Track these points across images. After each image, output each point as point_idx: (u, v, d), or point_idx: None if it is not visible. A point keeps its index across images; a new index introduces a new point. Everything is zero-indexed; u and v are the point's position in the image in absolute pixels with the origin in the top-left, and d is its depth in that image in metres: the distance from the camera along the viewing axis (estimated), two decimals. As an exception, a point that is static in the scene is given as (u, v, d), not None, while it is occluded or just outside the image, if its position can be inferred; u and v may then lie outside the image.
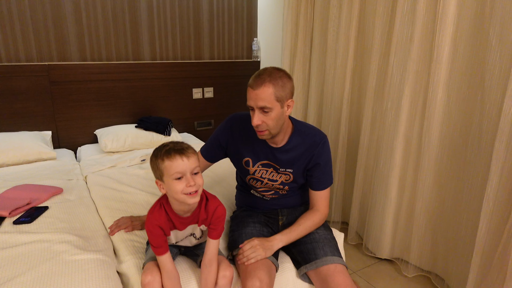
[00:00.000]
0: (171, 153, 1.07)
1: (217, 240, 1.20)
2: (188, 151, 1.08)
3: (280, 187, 1.45)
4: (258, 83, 1.23)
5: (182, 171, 1.06)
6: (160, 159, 1.08)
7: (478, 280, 1.59)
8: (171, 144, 1.10)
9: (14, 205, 1.62)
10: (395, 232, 2.08)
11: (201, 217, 1.20)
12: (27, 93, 2.51)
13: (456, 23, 1.66)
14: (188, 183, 1.07)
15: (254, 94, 1.24)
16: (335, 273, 1.24)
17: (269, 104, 1.23)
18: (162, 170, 1.08)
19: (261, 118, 1.26)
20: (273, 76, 1.24)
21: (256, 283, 1.17)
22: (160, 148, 1.11)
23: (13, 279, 1.17)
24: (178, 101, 3.11)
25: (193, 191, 1.08)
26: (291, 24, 2.60)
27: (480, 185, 1.61)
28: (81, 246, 1.37)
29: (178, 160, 1.06)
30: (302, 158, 1.39)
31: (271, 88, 1.22)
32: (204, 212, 1.19)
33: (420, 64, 1.82)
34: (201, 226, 1.23)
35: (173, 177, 1.07)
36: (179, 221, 1.18)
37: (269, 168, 1.43)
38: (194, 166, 1.09)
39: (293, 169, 1.41)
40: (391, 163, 1.97)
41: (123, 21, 2.78)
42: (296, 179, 1.43)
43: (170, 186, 1.08)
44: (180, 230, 1.21)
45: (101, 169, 2.24)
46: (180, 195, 1.08)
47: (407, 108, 1.89)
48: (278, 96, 1.24)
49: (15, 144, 2.29)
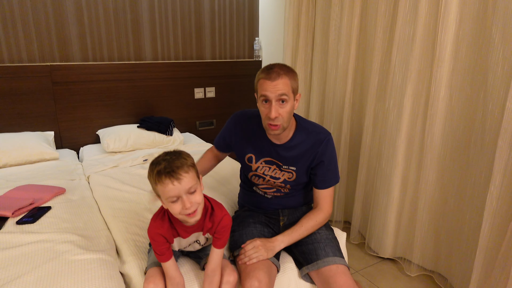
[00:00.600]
0: (161, 177, 1.01)
1: (221, 249, 1.18)
2: (179, 172, 1.01)
3: (282, 185, 1.45)
4: (274, 75, 1.24)
5: (175, 195, 1.03)
6: (152, 179, 1.04)
7: (481, 279, 1.59)
8: (163, 163, 1.03)
9: (17, 205, 1.62)
10: (398, 231, 2.07)
11: (206, 226, 1.17)
12: (30, 94, 2.52)
13: (459, 22, 1.65)
14: (184, 206, 1.03)
15: (272, 85, 1.23)
16: (336, 274, 1.23)
17: (288, 93, 1.25)
18: (157, 191, 1.06)
19: (278, 110, 1.26)
20: (285, 69, 1.27)
21: (255, 283, 1.17)
22: (153, 166, 1.05)
23: (16, 279, 1.17)
24: (180, 101, 3.11)
25: (190, 212, 1.05)
26: (292, 23, 2.60)
27: (483, 184, 1.61)
28: (84, 246, 1.38)
29: (169, 185, 1.01)
30: (305, 156, 1.39)
31: (287, 79, 1.25)
32: (209, 222, 1.17)
33: (422, 63, 1.81)
34: (206, 235, 1.21)
35: (168, 201, 1.04)
36: (183, 230, 1.16)
37: (272, 165, 1.42)
38: (188, 187, 1.03)
39: (296, 167, 1.41)
40: (394, 162, 1.97)
41: (124, 21, 2.78)
42: (299, 177, 1.43)
43: (168, 206, 1.07)
44: (183, 238, 1.19)
45: (104, 169, 2.24)
46: (179, 216, 1.07)
47: (410, 107, 1.88)
48: (293, 87, 1.28)
49: (18, 145, 2.29)
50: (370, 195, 2.24)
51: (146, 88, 2.93)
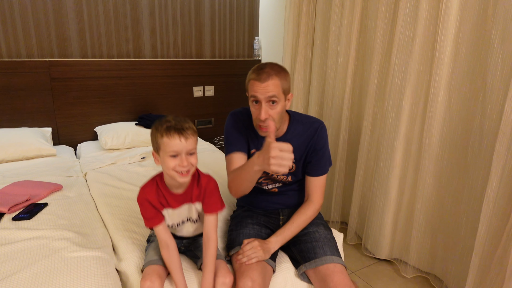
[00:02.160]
0: (171, 131, 1.08)
1: (214, 215, 1.20)
2: (188, 132, 1.09)
3: (283, 177, 1.46)
4: (264, 76, 1.24)
5: (178, 150, 1.08)
6: (159, 133, 1.09)
7: (477, 282, 1.59)
8: (173, 121, 1.11)
9: (14, 201, 1.61)
10: (395, 233, 2.08)
11: (194, 193, 1.20)
12: (28, 90, 2.51)
13: (458, 24, 1.65)
14: (182, 163, 1.09)
15: (261, 87, 1.24)
16: (334, 273, 1.24)
17: (278, 95, 1.25)
18: (159, 144, 1.10)
19: (268, 111, 1.26)
20: (276, 69, 1.26)
21: (248, 283, 1.16)
22: (162, 123, 1.11)
23: (12, 275, 1.17)
24: (179, 99, 3.11)
25: (184, 170, 1.10)
26: (292, 23, 2.60)
27: (481, 187, 1.61)
28: (80, 243, 1.37)
29: (176, 140, 1.07)
30: (302, 147, 1.41)
31: (277, 80, 1.25)
32: (197, 188, 1.20)
33: (422, 64, 1.81)
34: (196, 204, 1.22)
35: (168, 154, 1.09)
36: (172, 198, 1.19)
37: None
38: (191, 147, 1.10)
39: (295, 158, 1.42)
40: (391, 164, 1.97)
41: (124, 18, 2.78)
42: (298, 168, 1.44)
43: (164, 161, 1.11)
44: (173, 208, 1.20)
45: (101, 166, 2.23)
46: (171, 172, 1.10)
47: (408, 109, 1.89)
48: (284, 88, 1.27)
49: (15, 140, 2.28)
50: (367, 196, 2.25)
51: (145, 86, 2.93)
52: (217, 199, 1.21)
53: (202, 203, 1.21)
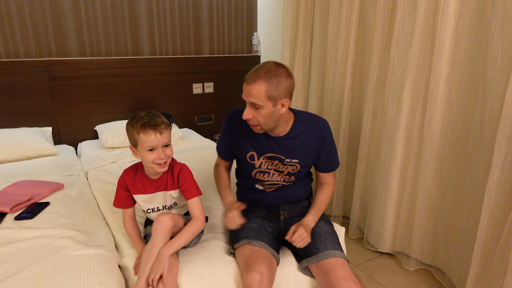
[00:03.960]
0: (146, 128, 1.18)
1: (194, 198, 1.29)
2: (161, 127, 1.19)
3: (286, 177, 1.46)
4: (252, 79, 1.24)
5: (154, 145, 1.19)
6: (135, 130, 1.19)
7: (479, 273, 1.59)
8: (146, 118, 1.19)
9: (16, 201, 1.62)
10: (396, 226, 2.08)
11: (169, 182, 1.31)
12: (27, 89, 2.50)
13: (458, 16, 1.65)
14: (159, 156, 1.20)
15: (246, 89, 1.26)
16: (336, 267, 1.24)
17: (260, 101, 1.24)
18: (136, 140, 1.20)
19: (252, 113, 1.28)
20: (269, 73, 1.23)
21: (257, 276, 1.17)
22: (136, 120, 1.20)
23: (15, 274, 1.17)
24: (178, 96, 3.10)
25: (162, 162, 1.22)
26: (291, 18, 2.58)
27: (482, 179, 1.61)
28: (82, 241, 1.38)
29: (151, 136, 1.18)
30: (308, 146, 1.41)
31: (263, 86, 1.22)
32: (171, 177, 1.31)
33: (422, 57, 1.81)
34: (171, 192, 1.32)
35: (146, 149, 1.20)
36: (149, 183, 1.31)
37: (274, 160, 1.43)
38: (166, 141, 1.21)
39: (299, 158, 1.42)
40: (392, 157, 1.97)
41: (122, 16, 2.76)
42: (303, 167, 1.44)
43: (142, 155, 1.22)
44: (148, 194, 1.31)
45: (102, 164, 2.24)
46: (150, 164, 1.21)
47: (408, 102, 1.88)
48: (270, 95, 1.24)
49: (15, 140, 2.29)
50: (369, 190, 2.25)
51: (144, 84, 2.92)
52: (192, 184, 1.30)
53: (181, 191, 1.32)
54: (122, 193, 1.33)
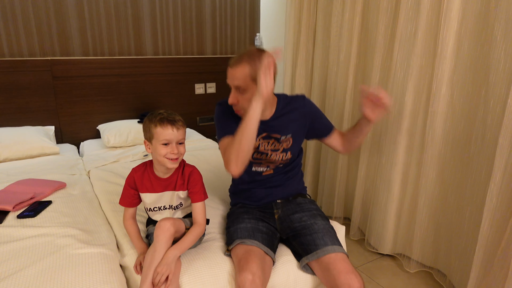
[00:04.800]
0: (164, 122, 1.22)
1: (200, 202, 1.31)
2: (179, 123, 1.25)
3: (282, 155, 1.48)
4: (235, 62, 1.26)
5: (170, 139, 1.22)
6: (153, 124, 1.23)
7: (480, 276, 1.59)
8: (165, 114, 1.24)
9: (18, 199, 1.63)
10: (398, 228, 2.08)
11: (178, 182, 1.32)
12: (30, 88, 2.52)
13: (461, 18, 1.65)
14: (172, 151, 1.23)
15: (231, 73, 1.27)
16: (336, 261, 1.24)
17: (244, 84, 1.26)
18: (152, 133, 1.23)
19: (236, 97, 1.30)
20: (252, 56, 1.25)
21: (248, 276, 1.16)
22: (155, 115, 1.25)
23: (17, 272, 1.18)
24: (181, 96, 3.11)
25: (174, 158, 1.24)
26: (294, 19, 2.59)
27: (484, 181, 1.61)
28: (84, 240, 1.38)
29: (169, 129, 1.22)
30: (297, 120, 1.46)
31: (247, 68, 1.24)
32: (181, 178, 1.32)
33: (424, 59, 1.81)
34: (179, 192, 1.32)
35: (161, 142, 1.22)
36: (157, 182, 1.32)
37: (270, 139, 1.46)
38: (181, 137, 1.25)
39: (292, 132, 1.47)
40: (394, 159, 1.97)
41: (125, 16, 2.77)
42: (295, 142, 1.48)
43: (156, 148, 1.24)
44: (156, 193, 1.32)
45: (104, 164, 2.24)
46: (162, 158, 1.24)
47: (411, 104, 1.88)
48: (254, 76, 1.25)
49: (18, 139, 2.30)
50: (370, 191, 2.25)
51: (147, 83, 2.93)
52: (201, 188, 1.33)
53: (188, 193, 1.33)
54: (129, 192, 1.34)
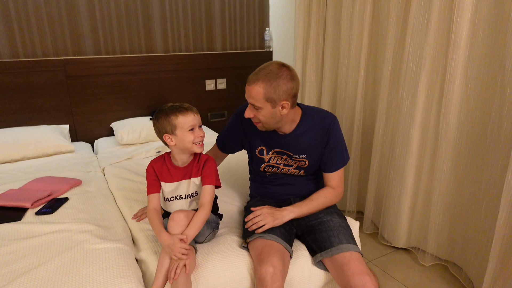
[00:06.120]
0: (183, 111, 1.28)
1: (210, 186, 1.32)
2: (194, 109, 1.32)
3: (295, 171, 1.47)
4: (252, 80, 1.28)
5: (193, 124, 1.29)
6: (173, 115, 1.27)
7: (497, 269, 1.57)
8: (177, 104, 1.30)
9: (36, 197, 1.67)
10: (412, 221, 2.06)
11: (194, 169, 1.36)
12: (45, 88, 2.56)
13: (475, 6, 1.61)
14: (198, 134, 1.30)
15: (247, 90, 1.30)
16: (350, 261, 1.24)
17: (258, 103, 1.28)
18: (175, 124, 1.27)
19: (252, 112, 1.33)
20: (269, 76, 1.25)
21: (270, 269, 1.18)
22: (167, 108, 1.30)
23: (37, 267, 1.21)
24: (191, 93, 3.13)
25: (201, 141, 1.31)
26: (303, 13, 2.57)
27: (500, 173, 1.58)
28: (101, 235, 1.41)
29: (190, 116, 1.28)
30: (316, 142, 1.41)
31: (262, 88, 1.25)
32: (197, 165, 1.36)
33: (437, 49, 1.77)
34: (194, 179, 1.35)
35: (187, 130, 1.27)
36: (175, 171, 1.36)
37: (283, 155, 1.44)
38: (200, 121, 1.33)
39: (307, 154, 1.42)
40: (408, 152, 1.95)
41: (135, 14, 2.80)
42: (312, 164, 1.44)
43: (183, 137, 1.28)
44: (174, 182, 1.35)
45: (118, 161, 2.28)
46: (191, 144, 1.29)
47: (424, 95, 1.85)
48: (269, 97, 1.26)
49: (35, 138, 2.35)
50: (383, 184, 2.23)
51: (158, 81, 2.95)
52: (213, 173, 1.35)
53: (201, 176, 1.35)
54: (152, 178, 1.37)
